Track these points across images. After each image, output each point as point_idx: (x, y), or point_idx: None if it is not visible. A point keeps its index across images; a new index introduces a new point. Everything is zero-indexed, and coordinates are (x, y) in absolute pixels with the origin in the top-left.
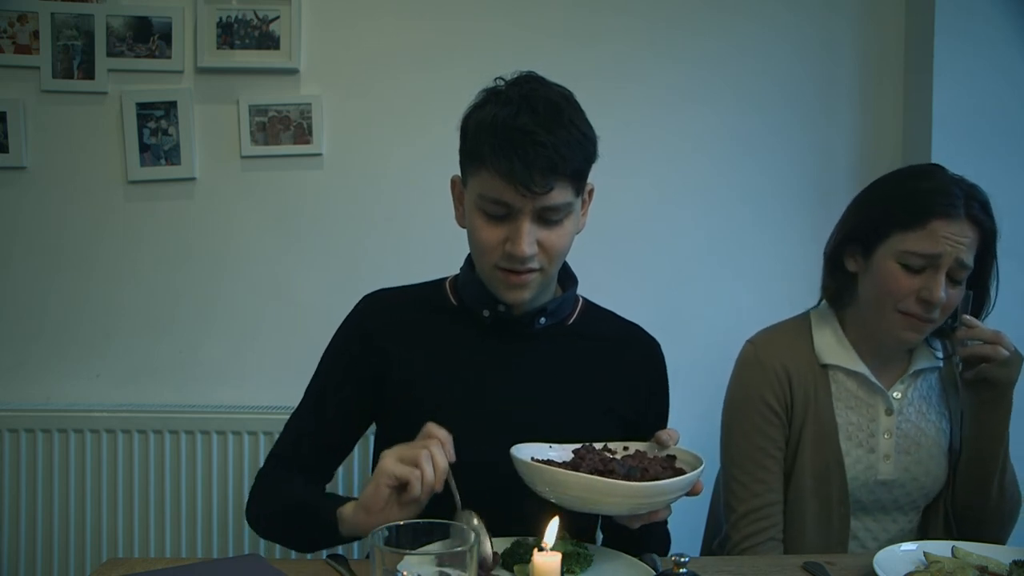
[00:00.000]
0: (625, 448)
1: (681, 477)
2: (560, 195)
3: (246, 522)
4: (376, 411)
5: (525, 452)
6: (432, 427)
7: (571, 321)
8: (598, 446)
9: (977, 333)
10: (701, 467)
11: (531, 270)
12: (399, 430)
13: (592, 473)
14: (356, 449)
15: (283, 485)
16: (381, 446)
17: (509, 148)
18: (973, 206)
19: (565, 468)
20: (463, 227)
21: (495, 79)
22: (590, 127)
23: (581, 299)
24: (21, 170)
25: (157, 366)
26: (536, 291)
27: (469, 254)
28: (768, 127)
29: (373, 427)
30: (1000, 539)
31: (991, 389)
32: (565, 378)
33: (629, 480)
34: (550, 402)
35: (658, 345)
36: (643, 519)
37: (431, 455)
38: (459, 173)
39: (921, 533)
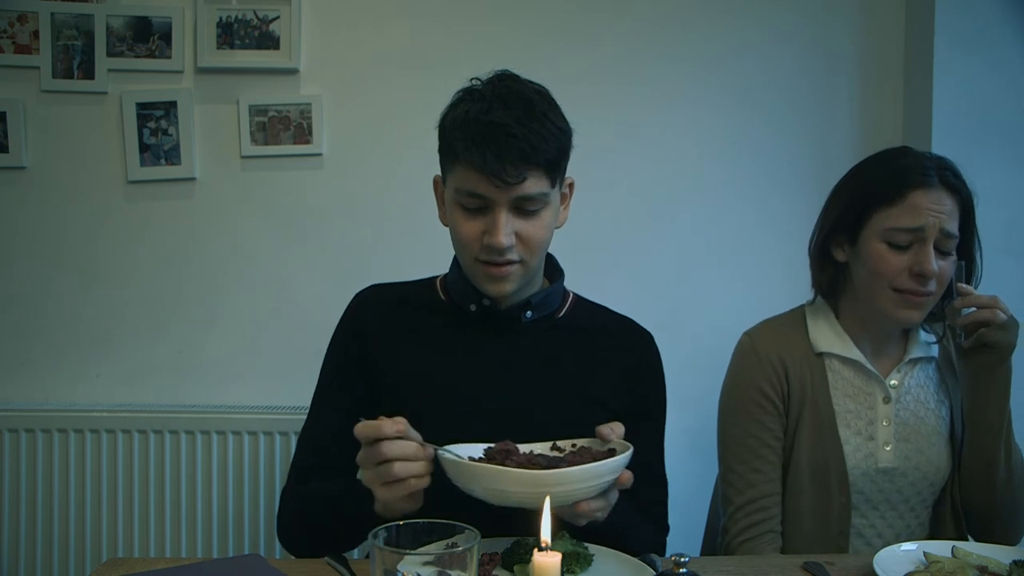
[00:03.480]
0: (573, 445)
1: (590, 464)
2: (534, 185)
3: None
4: (371, 407)
5: (465, 452)
6: (367, 429)
7: (561, 315)
8: (546, 444)
9: (973, 300)
10: (621, 456)
11: (510, 262)
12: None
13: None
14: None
15: (311, 489)
16: None
17: (481, 141)
18: (947, 175)
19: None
20: (446, 225)
21: (471, 79)
22: (565, 121)
23: (572, 294)
24: (21, 170)
25: (157, 366)
26: (518, 283)
27: None
28: (768, 127)
29: None
30: (1011, 538)
31: (990, 354)
32: (555, 371)
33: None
34: (540, 395)
35: (651, 337)
36: (582, 514)
37: (395, 473)
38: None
39: (931, 530)
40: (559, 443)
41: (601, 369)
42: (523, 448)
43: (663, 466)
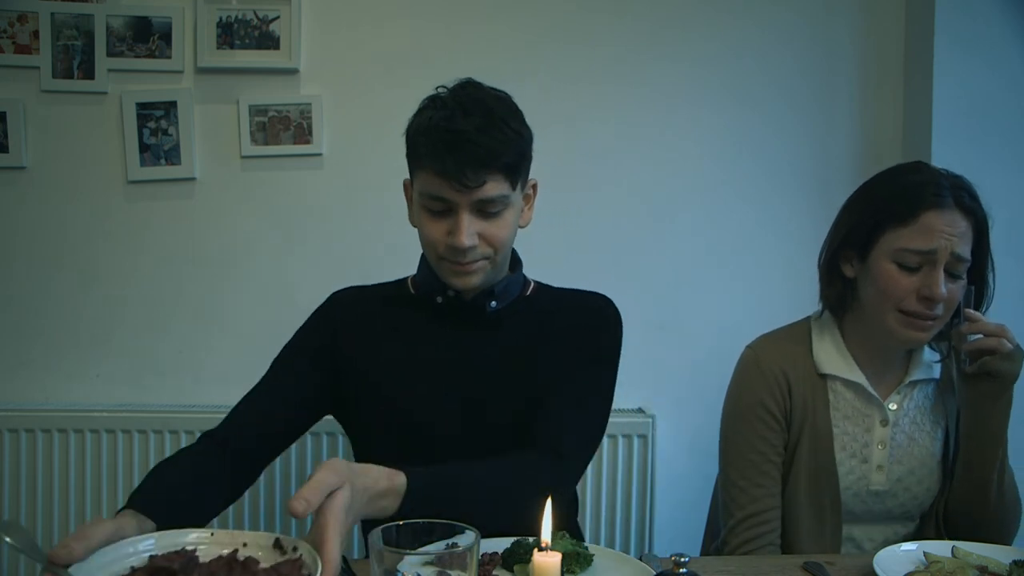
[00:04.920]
0: (295, 549)
1: None
2: (494, 188)
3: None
4: (337, 400)
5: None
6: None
7: (525, 301)
8: (270, 537)
9: (980, 327)
10: None
11: (474, 260)
12: (363, 415)
13: None
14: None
15: (180, 460)
16: (352, 434)
17: (443, 147)
18: (962, 195)
19: None
20: (415, 226)
21: (437, 87)
22: (524, 126)
23: (533, 281)
24: (21, 170)
25: (157, 366)
26: (484, 277)
27: None
28: (768, 127)
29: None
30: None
31: (993, 382)
32: (526, 355)
33: None
34: (515, 380)
35: (608, 299)
36: None
37: None
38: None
39: (914, 539)
40: (281, 539)
41: (569, 346)
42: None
43: (592, 409)
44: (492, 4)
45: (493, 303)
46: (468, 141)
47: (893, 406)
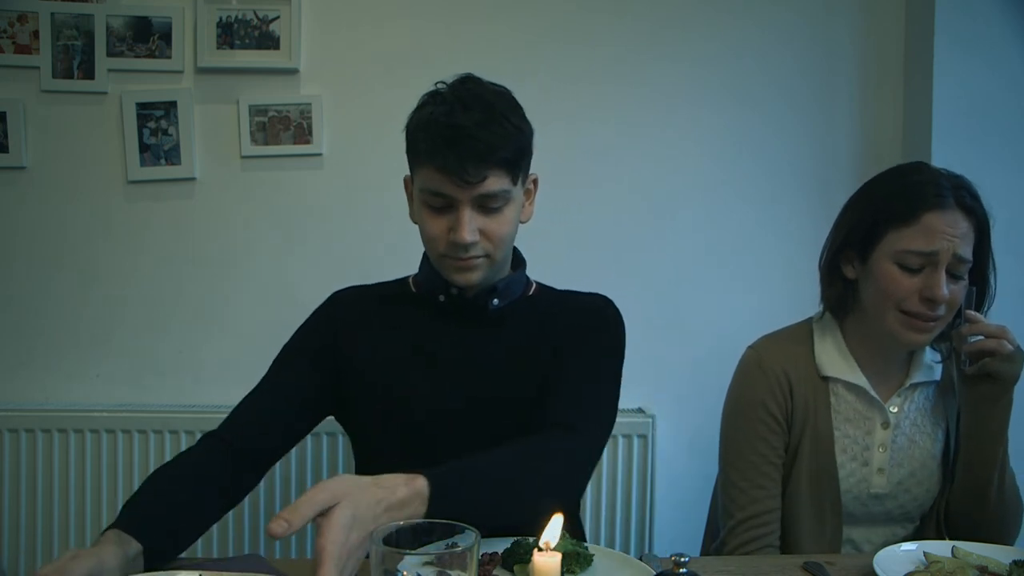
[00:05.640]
0: None
1: None
2: (495, 183)
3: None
4: (338, 400)
5: None
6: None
7: (527, 301)
8: None
9: (981, 328)
10: None
11: (476, 256)
12: (364, 415)
13: None
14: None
15: (172, 466)
16: (353, 435)
17: (443, 143)
18: (963, 195)
19: None
20: (415, 223)
21: (436, 83)
22: (524, 121)
23: (535, 282)
24: (21, 170)
25: (157, 366)
26: (485, 274)
27: None
28: (768, 127)
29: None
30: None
31: (993, 384)
32: (528, 354)
33: None
34: (516, 379)
35: (606, 300)
36: None
37: None
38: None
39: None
40: None
41: (572, 344)
42: None
43: (600, 391)
44: (492, 4)
45: (495, 300)
46: (468, 136)
47: (894, 409)
